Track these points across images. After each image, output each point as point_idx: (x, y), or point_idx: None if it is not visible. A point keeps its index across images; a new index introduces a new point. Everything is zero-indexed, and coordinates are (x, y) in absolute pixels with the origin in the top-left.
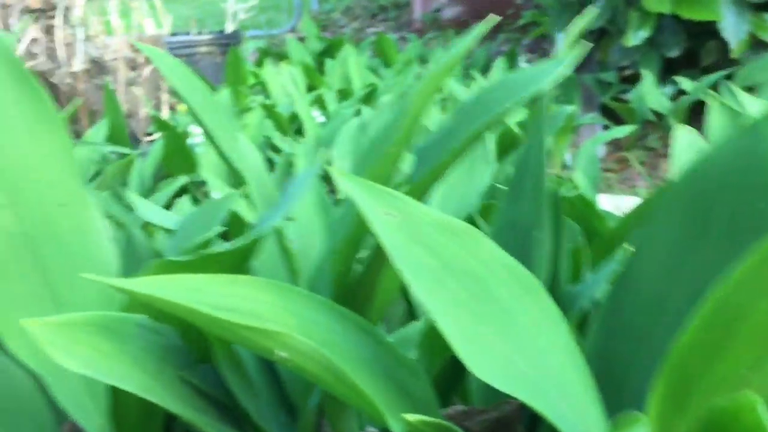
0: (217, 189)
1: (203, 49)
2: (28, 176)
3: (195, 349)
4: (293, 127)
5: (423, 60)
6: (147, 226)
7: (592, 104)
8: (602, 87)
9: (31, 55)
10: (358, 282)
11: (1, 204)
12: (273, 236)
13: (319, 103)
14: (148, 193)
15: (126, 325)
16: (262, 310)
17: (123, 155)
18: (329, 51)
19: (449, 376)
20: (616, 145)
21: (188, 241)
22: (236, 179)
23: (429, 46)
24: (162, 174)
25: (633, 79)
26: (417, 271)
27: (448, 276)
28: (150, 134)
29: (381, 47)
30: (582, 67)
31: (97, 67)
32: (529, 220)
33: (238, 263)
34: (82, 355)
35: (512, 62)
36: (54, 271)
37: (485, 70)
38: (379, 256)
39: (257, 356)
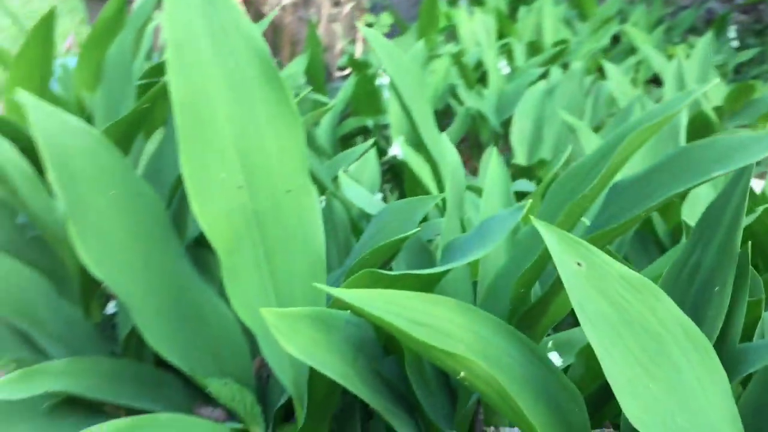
0: (398, 138)
1: None
2: (265, 163)
3: (384, 342)
4: (479, 73)
5: (623, 18)
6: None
7: None
8: None
9: None
10: (534, 305)
11: (241, 184)
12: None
13: (507, 54)
14: (334, 131)
15: (334, 319)
16: (453, 331)
17: (317, 88)
18: None
19: (602, 396)
20: None
21: (384, 235)
22: (415, 135)
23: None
24: (348, 112)
25: None
26: (596, 320)
27: (625, 329)
28: (342, 69)
29: None
30: None
31: (303, 1)
32: (712, 273)
33: (431, 282)
34: (299, 343)
35: (721, 31)
36: (276, 249)
37: (691, 31)
38: (557, 286)
39: None
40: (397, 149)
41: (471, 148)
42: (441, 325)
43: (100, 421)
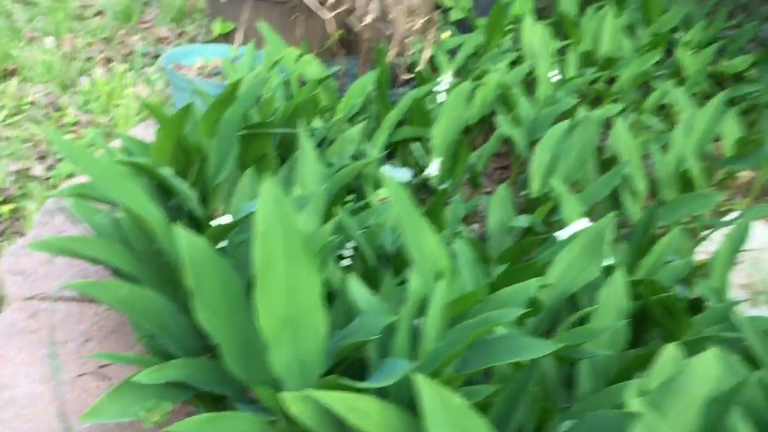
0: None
1: None
2: (299, 293)
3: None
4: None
5: (687, 24)
6: None
7: None
8: None
9: (338, 2)
10: None
11: (285, 301)
12: None
13: (561, 62)
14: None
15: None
16: (374, 417)
17: (382, 95)
18: None
19: None
20: None
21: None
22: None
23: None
24: (403, 120)
25: None
26: None
27: None
28: (408, 78)
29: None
30: None
31: (382, 16)
32: None
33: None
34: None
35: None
36: (298, 336)
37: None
38: None
39: None
40: (434, 168)
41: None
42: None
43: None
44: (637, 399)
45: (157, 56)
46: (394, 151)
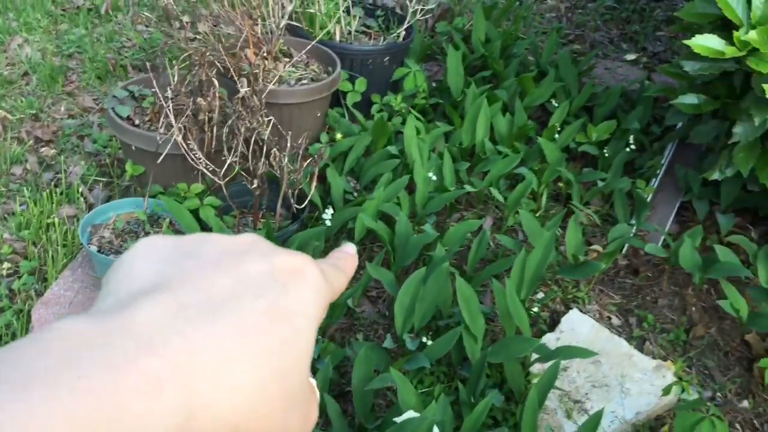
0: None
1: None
2: None
3: None
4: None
5: (564, 94)
6: None
7: None
8: None
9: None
10: None
11: None
12: None
13: (440, 156)
14: None
15: None
16: None
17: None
18: None
19: None
20: None
21: None
22: None
23: None
24: None
25: None
26: None
27: None
28: (301, 208)
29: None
30: None
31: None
32: None
33: None
34: None
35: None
36: None
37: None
38: None
39: None
40: None
41: None
42: None
43: None
44: None
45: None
46: None
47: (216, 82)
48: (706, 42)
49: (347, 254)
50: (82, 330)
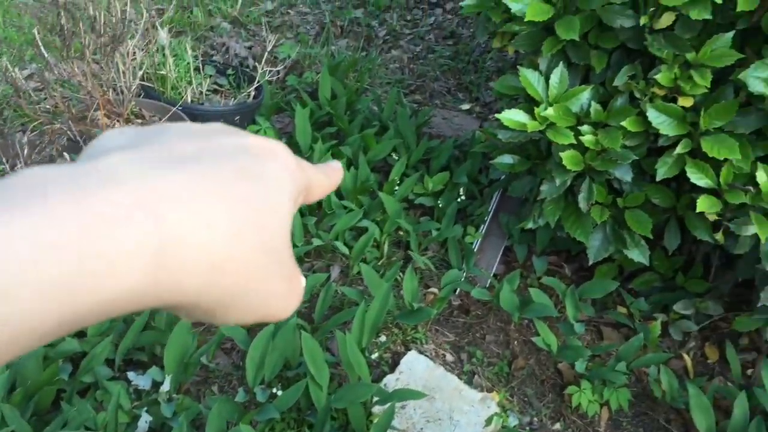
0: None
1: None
2: None
3: None
4: None
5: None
6: None
7: None
8: None
9: None
10: None
11: None
12: None
13: None
14: None
15: None
16: None
17: None
18: None
19: None
20: None
21: None
22: None
23: None
24: None
25: None
26: None
27: None
28: None
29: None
30: None
31: None
32: None
33: None
34: None
35: None
36: None
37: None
38: None
39: None
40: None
41: None
42: None
43: None
44: None
45: None
46: None
47: (67, 156)
48: (513, 116)
49: (332, 165)
50: (47, 172)
